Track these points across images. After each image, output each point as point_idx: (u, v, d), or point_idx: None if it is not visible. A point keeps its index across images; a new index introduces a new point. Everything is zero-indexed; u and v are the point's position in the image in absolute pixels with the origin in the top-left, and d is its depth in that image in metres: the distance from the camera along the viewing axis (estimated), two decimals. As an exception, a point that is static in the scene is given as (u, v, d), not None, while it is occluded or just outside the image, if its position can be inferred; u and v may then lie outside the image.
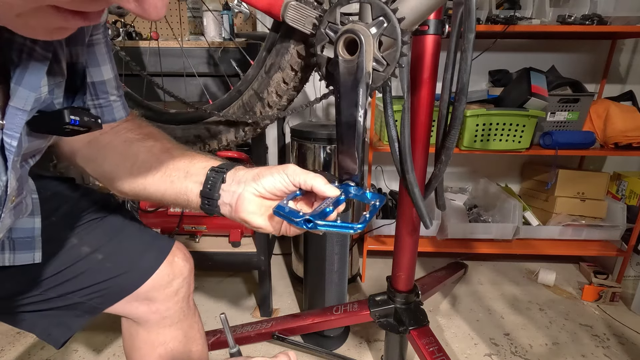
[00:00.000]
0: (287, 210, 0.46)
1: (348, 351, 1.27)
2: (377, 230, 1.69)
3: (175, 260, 0.62)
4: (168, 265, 0.61)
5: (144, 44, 1.11)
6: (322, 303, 1.28)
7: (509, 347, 1.29)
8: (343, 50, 0.56)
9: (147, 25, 1.69)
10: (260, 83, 0.73)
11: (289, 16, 0.64)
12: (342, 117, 0.58)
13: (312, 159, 1.46)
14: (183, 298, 0.64)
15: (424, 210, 0.79)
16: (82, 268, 0.56)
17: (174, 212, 1.41)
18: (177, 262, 0.62)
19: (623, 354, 1.27)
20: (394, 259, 1.08)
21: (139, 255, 0.60)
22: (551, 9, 1.47)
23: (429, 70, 0.85)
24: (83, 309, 0.58)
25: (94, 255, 0.57)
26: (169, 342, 0.63)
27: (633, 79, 1.85)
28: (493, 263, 1.85)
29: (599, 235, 1.69)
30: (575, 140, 1.54)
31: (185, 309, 0.65)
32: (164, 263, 0.60)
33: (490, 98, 1.61)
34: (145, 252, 0.60)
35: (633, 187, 1.73)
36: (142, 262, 0.59)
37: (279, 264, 1.84)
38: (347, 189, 0.56)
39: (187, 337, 0.65)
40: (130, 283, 0.58)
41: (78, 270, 0.56)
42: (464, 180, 2.06)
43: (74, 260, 0.56)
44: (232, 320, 1.42)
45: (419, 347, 0.98)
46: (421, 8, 0.57)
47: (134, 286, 0.58)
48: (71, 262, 0.55)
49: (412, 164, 0.76)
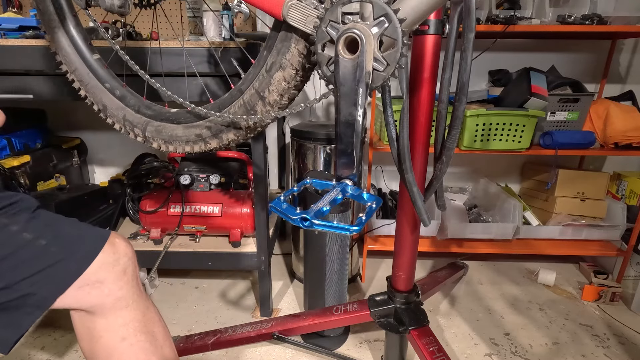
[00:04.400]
0: (284, 207, 0.46)
1: (348, 351, 1.27)
2: (377, 230, 1.69)
3: (116, 242, 0.63)
4: (111, 246, 0.62)
5: (144, 44, 1.11)
6: (322, 303, 1.28)
7: (509, 347, 1.29)
8: (344, 49, 0.56)
9: (147, 26, 1.69)
10: (261, 82, 0.74)
11: (290, 15, 0.64)
12: (341, 116, 0.58)
13: (312, 158, 1.46)
14: (132, 277, 0.64)
15: (423, 209, 0.79)
16: (27, 254, 0.55)
17: (174, 212, 1.41)
18: (119, 242, 0.64)
19: (623, 354, 1.27)
20: (394, 259, 1.08)
21: (82, 239, 0.60)
22: (551, 9, 1.47)
23: (429, 70, 0.86)
24: (33, 303, 0.56)
25: (38, 242, 0.56)
26: (129, 323, 0.63)
27: (633, 79, 1.86)
28: (493, 263, 1.85)
29: (599, 235, 1.69)
30: (575, 140, 1.54)
31: (137, 289, 0.65)
32: (108, 244, 0.62)
33: (490, 98, 1.61)
34: (87, 236, 0.61)
35: (633, 187, 1.73)
36: (86, 244, 0.60)
37: (279, 264, 1.84)
38: (345, 188, 0.56)
39: (146, 317, 0.66)
40: (78, 264, 0.58)
41: (23, 257, 0.55)
42: (464, 180, 2.07)
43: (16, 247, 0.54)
44: (232, 320, 1.42)
45: (419, 347, 0.98)
46: (422, 8, 0.57)
47: (82, 267, 0.58)
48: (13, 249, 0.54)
49: (411, 163, 0.76)
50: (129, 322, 0.63)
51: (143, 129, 0.89)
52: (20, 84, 1.15)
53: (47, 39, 0.88)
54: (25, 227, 0.56)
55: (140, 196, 1.50)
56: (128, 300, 0.63)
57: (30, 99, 1.11)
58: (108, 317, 0.62)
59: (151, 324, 0.66)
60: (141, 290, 0.67)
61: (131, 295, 0.64)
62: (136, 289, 0.65)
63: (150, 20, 1.66)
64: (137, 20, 1.65)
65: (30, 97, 1.06)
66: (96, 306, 0.61)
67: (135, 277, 0.66)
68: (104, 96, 0.91)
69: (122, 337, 0.62)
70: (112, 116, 0.92)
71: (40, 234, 0.57)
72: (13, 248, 0.54)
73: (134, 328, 0.63)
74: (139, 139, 0.91)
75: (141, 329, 0.64)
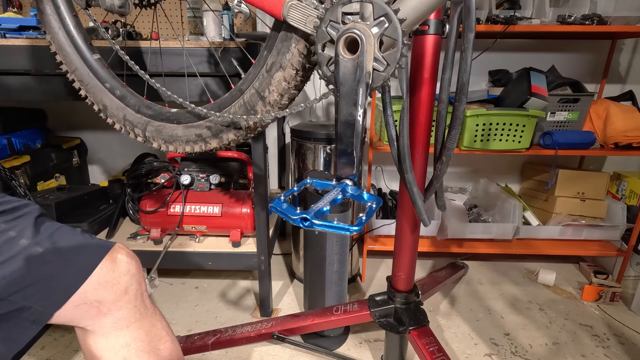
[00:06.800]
0: (284, 207, 0.46)
1: (348, 351, 1.27)
2: (377, 230, 1.69)
3: (118, 258, 0.60)
4: (111, 262, 0.59)
5: (144, 44, 1.11)
6: (322, 303, 1.28)
7: (509, 347, 1.29)
8: (344, 49, 0.56)
9: (147, 26, 1.69)
10: (261, 82, 0.74)
11: (291, 15, 0.64)
12: (341, 116, 0.58)
13: (312, 158, 1.46)
14: (136, 296, 0.61)
15: (423, 209, 0.79)
16: (21, 263, 0.52)
17: (174, 212, 1.41)
18: (121, 259, 0.60)
19: (623, 354, 1.27)
20: (394, 259, 1.08)
21: (80, 251, 0.57)
22: (551, 9, 1.47)
23: (429, 70, 0.85)
24: (29, 317, 0.53)
25: (34, 249, 0.53)
26: (131, 343, 0.60)
27: (633, 79, 1.86)
28: (493, 263, 1.85)
29: (599, 235, 1.69)
30: (575, 140, 1.54)
31: (141, 308, 0.62)
32: (107, 260, 0.58)
33: (490, 98, 1.61)
34: (86, 248, 0.58)
35: (633, 187, 1.73)
36: (84, 257, 0.57)
37: (279, 264, 1.84)
38: (345, 189, 0.56)
39: (150, 335, 0.63)
40: (74, 278, 0.55)
41: (17, 266, 0.51)
42: (464, 180, 2.07)
43: (11, 255, 0.51)
44: (232, 320, 1.42)
45: (419, 347, 0.98)
46: (422, 8, 0.57)
47: (78, 281, 0.55)
48: (8, 257, 0.51)
49: (411, 163, 0.76)
50: (131, 342, 0.61)
51: (143, 129, 0.89)
52: (21, 84, 1.16)
53: (47, 39, 0.88)
54: (24, 233, 0.53)
55: (140, 196, 1.50)
56: (130, 320, 0.61)
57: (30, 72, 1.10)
58: (108, 338, 0.60)
59: (156, 341, 0.64)
60: (146, 307, 0.63)
61: (133, 314, 0.61)
62: (140, 307, 0.62)
63: (150, 20, 1.66)
64: (137, 20, 1.65)
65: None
66: (95, 325, 0.59)
67: (139, 295, 0.62)
68: (104, 96, 0.91)
69: (123, 357, 0.60)
70: (112, 116, 0.92)
71: (37, 241, 0.54)
72: (8, 256, 0.51)
73: (136, 348, 0.61)
74: (139, 139, 0.91)
75: (144, 348, 0.61)
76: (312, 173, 1.41)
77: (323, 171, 1.45)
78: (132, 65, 0.81)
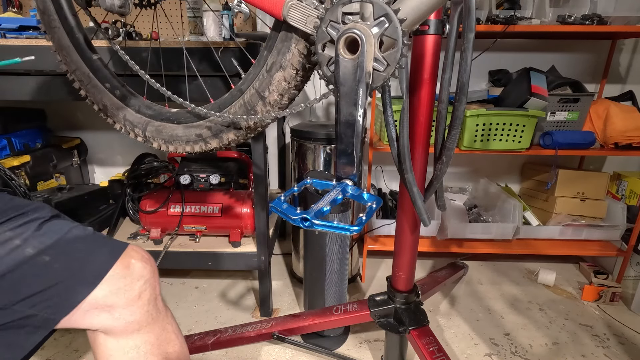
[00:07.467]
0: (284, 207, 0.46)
1: (348, 351, 1.27)
2: (377, 230, 1.69)
3: (132, 263, 0.58)
4: (124, 268, 0.57)
5: (144, 43, 1.11)
6: (322, 303, 1.28)
7: (509, 347, 1.29)
8: (344, 49, 0.56)
9: (147, 26, 1.69)
10: (261, 82, 0.74)
11: (291, 15, 0.64)
12: (341, 116, 0.58)
13: (312, 158, 1.46)
14: (149, 301, 0.60)
15: (423, 209, 0.79)
16: (28, 272, 0.51)
17: (174, 212, 1.41)
18: (134, 264, 0.59)
19: (623, 354, 1.27)
20: (394, 259, 1.08)
21: (90, 256, 0.56)
22: (551, 9, 1.47)
23: (429, 70, 0.85)
24: (34, 323, 0.52)
25: (41, 258, 0.52)
26: (141, 345, 0.60)
27: (633, 79, 1.86)
28: (493, 263, 1.85)
29: (599, 235, 1.69)
30: (575, 140, 1.54)
31: (154, 312, 0.62)
32: (119, 265, 0.57)
33: (490, 98, 1.61)
34: (96, 252, 0.56)
35: (633, 187, 1.73)
36: (93, 263, 0.55)
37: (279, 264, 1.84)
38: (345, 189, 0.56)
39: (160, 339, 0.63)
40: (83, 287, 0.54)
41: (23, 275, 0.51)
42: (464, 180, 2.07)
43: (16, 264, 0.50)
44: (232, 320, 1.42)
45: (419, 347, 0.98)
46: (422, 8, 0.57)
47: (86, 290, 0.54)
48: (13, 266, 0.50)
49: (411, 163, 0.76)
50: (141, 344, 0.60)
51: (143, 129, 0.89)
52: (20, 84, 1.16)
53: (47, 39, 0.88)
54: (29, 241, 0.52)
55: (140, 196, 1.50)
56: (141, 324, 0.60)
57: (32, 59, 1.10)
58: (119, 339, 0.60)
59: (165, 344, 0.64)
60: (159, 310, 0.63)
61: (145, 318, 0.60)
62: (152, 311, 0.61)
63: (150, 20, 1.66)
64: (137, 20, 1.65)
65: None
66: (106, 328, 0.58)
67: (153, 299, 0.61)
68: (104, 96, 0.91)
69: (131, 358, 0.60)
70: (112, 116, 0.92)
71: (44, 249, 0.52)
72: (12, 265, 0.50)
73: (145, 351, 0.61)
74: (139, 139, 0.91)
75: (153, 351, 0.61)
76: (312, 173, 1.41)
77: (323, 171, 1.45)
78: (132, 65, 0.81)
